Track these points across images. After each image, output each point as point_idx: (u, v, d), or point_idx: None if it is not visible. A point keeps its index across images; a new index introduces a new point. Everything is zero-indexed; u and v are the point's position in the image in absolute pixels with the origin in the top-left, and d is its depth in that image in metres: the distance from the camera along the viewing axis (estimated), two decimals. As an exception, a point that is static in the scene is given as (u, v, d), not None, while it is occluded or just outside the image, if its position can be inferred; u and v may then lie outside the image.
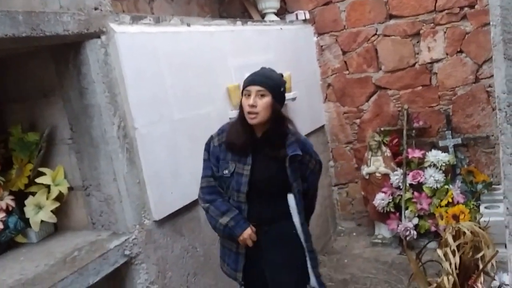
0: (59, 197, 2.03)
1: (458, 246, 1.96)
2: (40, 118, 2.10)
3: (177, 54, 2.33)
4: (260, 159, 2.02)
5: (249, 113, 1.94)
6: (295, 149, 2.00)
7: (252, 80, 1.96)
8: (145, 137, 2.06)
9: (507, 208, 1.23)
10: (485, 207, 3.40)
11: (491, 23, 1.18)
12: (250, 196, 2.02)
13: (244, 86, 1.98)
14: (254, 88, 1.93)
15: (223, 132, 2.08)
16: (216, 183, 2.08)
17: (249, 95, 1.94)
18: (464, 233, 1.98)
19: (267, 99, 1.93)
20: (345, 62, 4.12)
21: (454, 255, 1.92)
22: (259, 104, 1.92)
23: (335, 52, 4.14)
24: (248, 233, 2.01)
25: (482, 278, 1.86)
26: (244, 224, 2.02)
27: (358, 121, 4.18)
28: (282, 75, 2.06)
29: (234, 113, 2.64)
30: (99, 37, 1.91)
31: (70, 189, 2.07)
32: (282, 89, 2.00)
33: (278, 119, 1.99)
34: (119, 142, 1.96)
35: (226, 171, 2.04)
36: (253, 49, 3.03)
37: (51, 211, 1.99)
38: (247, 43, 2.98)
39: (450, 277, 1.88)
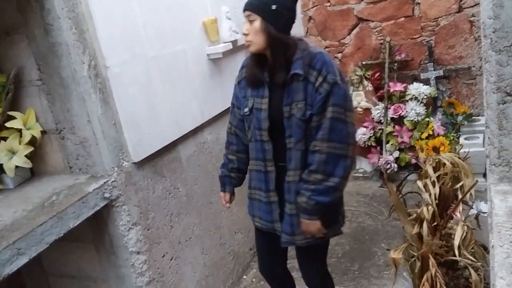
0: (33, 142, 1.96)
1: (438, 177, 1.99)
2: (4, 58, 1.98)
3: (148, -13, 2.19)
4: (274, 92, 1.79)
5: (246, 42, 1.78)
6: (297, 66, 1.71)
7: (243, 6, 1.75)
8: (118, 76, 1.97)
9: (489, 138, 1.21)
10: (465, 138, 3.44)
11: None
12: (273, 134, 1.81)
13: None
14: (244, 15, 1.74)
15: (243, 68, 1.90)
16: (235, 129, 2.01)
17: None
18: (444, 164, 2.00)
19: (256, 24, 1.70)
20: (326, -7, 3.98)
21: (434, 186, 1.95)
22: (250, 30, 1.72)
23: (316, -17, 3.99)
24: (221, 196, 2.11)
25: (460, 208, 1.90)
26: (223, 187, 2.10)
27: (339, 55, 4.10)
28: None
29: (211, 49, 2.54)
30: (60, -34, 1.77)
31: (44, 132, 2.00)
32: (274, 6, 1.67)
33: (276, 43, 1.71)
34: (90, 82, 1.87)
35: (246, 109, 1.86)
36: (229, -20, 2.87)
37: (26, 156, 1.93)
38: (222, -26, 2.81)
39: (430, 207, 1.91)
